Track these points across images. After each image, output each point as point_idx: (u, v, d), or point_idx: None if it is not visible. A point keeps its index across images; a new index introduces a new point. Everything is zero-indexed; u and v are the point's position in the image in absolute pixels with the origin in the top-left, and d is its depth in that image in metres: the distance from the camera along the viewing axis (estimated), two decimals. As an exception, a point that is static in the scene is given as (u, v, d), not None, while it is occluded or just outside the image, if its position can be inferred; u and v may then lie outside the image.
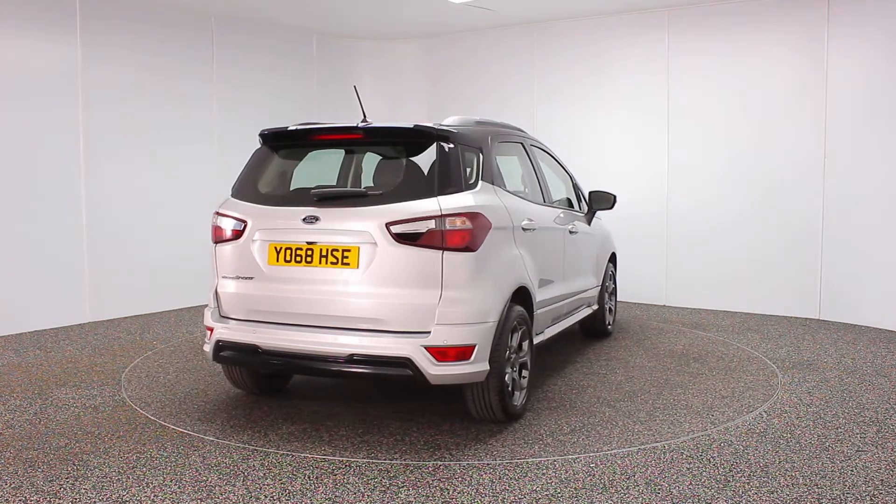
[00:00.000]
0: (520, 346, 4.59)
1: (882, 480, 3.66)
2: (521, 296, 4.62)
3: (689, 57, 8.23)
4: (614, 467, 3.84)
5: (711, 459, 3.94)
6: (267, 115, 8.62)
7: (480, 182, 4.42)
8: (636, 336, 6.97)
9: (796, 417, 4.62)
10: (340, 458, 3.95)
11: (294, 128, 4.58)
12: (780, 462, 3.90)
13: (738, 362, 5.91)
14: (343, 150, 5.05)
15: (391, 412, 4.72)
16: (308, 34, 9.63)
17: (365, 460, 3.93)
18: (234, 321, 4.43)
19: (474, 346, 4.05)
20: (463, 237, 4.07)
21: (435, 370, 3.98)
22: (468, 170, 4.39)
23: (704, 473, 3.75)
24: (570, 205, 6.19)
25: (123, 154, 7.75)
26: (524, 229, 4.74)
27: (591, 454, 4.02)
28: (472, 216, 4.13)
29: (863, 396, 5.06)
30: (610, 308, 7.03)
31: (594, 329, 6.82)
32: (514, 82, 9.40)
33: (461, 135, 4.43)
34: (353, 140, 4.69)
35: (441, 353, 3.98)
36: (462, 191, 4.22)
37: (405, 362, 3.97)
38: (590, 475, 3.74)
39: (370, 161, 4.88)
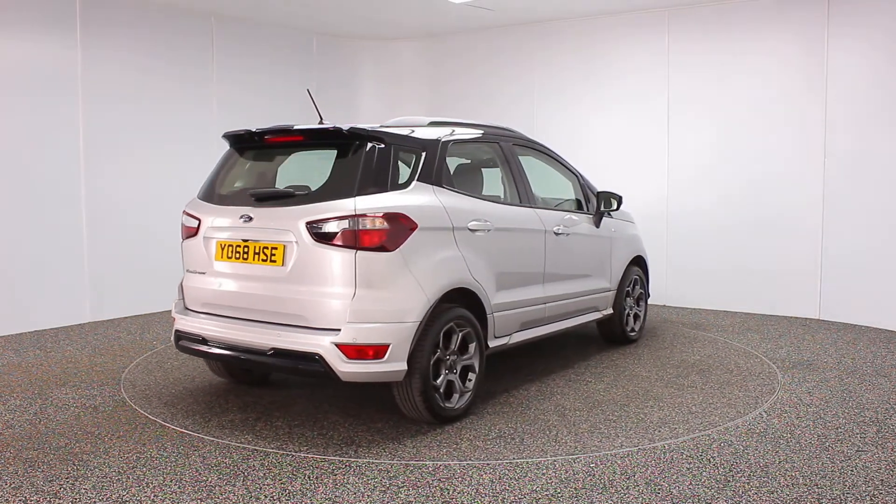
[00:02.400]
0: (464, 349, 4.60)
1: (882, 480, 3.66)
2: (467, 297, 4.62)
3: (689, 57, 8.23)
4: (614, 467, 3.84)
5: (711, 459, 3.94)
6: (267, 115, 8.60)
7: (415, 182, 4.46)
8: (658, 344, 6.64)
9: (796, 417, 4.62)
10: (340, 459, 3.96)
11: (253, 130, 4.75)
12: (780, 462, 3.90)
13: (743, 377, 5.77)
14: (300, 152, 5.04)
15: (343, 407, 4.79)
16: (308, 34, 9.63)
17: (365, 460, 3.93)
18: (191, 313, 4.74)
19: (388, 345, 4.09)
20: (379, 237, 4.13)
21: (345, 367, 4.06)
22: (400, 170, 4.44)
23: (704, 473, 3.76)
24: (580, 206, 6.10)
25: (123, 154, 7.75)
26: (472, 230, 4.70)
27: (592, 454, 4.02)
28: (390, 216, 4.17)
29: (863, 396, 5.06)
30: (636, 314, 6.74)
31: (612, 335, 6.55)
32: (514, 82, 9.40)
33: (397, 136, 4.50)
34: (298, 142, 4.76)
35: (352, 351, 4.05)
36: (386, 191, 4.27)
37: (317, 358, 4.08)
38: (590, 475, 3.74)
39: (317, 162, 4.93)
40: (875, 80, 7.16)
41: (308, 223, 4.17)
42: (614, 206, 6.25)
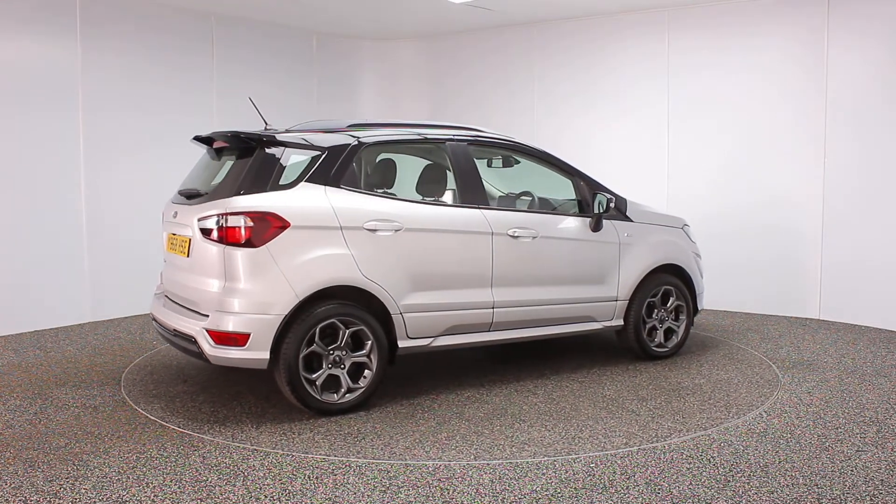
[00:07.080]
0: (358, 345, 4.72)
1: (882, 480, 3.66)
2: (360, 295, 4.72)
3: (689, 57, 8.22)
4: (614, 467, 3.84)
5: (711, 459, 3.94)
6: (266, 116, 8.59)
7: (303, 183, 4.66)
8: (677, 362, 5.97)
9: (796, 417, 4.63)
10: (341, 459, 3.96)
11: (202, 136, 5.22)
12: (780, 462, 3.90)
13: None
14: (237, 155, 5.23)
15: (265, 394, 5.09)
16: (308, 34, 9.63)
17: (365, 460, 3.94)
18: (162, 297, 5.35)
19: (248, 334, 4.40)
20: (246, 233, 4.46)
21: (211, 351, 4.45)
22: (288, 172, 4.67)
23: (704, 473, 3.76)
24: (582, 208, 5.81)
25: (123, 154, 7.74)
26: (371, 230, 4.75)
27: (592, 454, 4.02)
28: (256, 215, 4.46)
29: (863, 396, 5.06)
30: (670, 329, 6.12)
31: (631, 349, 6.03)
32: (514, 82, 9.40)
33: (292, 140, 4.77)
34: (225, 147, 5.08)
35: (217, 337, 4.43)
36: (265, 191, 4.55)
37: (193, 341, 4.53)
38: (590, 475, 3.74)
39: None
40: (876, 80, 7.16)
41: (197, 219, 4.64)
42: (605, 209, 5.79)
